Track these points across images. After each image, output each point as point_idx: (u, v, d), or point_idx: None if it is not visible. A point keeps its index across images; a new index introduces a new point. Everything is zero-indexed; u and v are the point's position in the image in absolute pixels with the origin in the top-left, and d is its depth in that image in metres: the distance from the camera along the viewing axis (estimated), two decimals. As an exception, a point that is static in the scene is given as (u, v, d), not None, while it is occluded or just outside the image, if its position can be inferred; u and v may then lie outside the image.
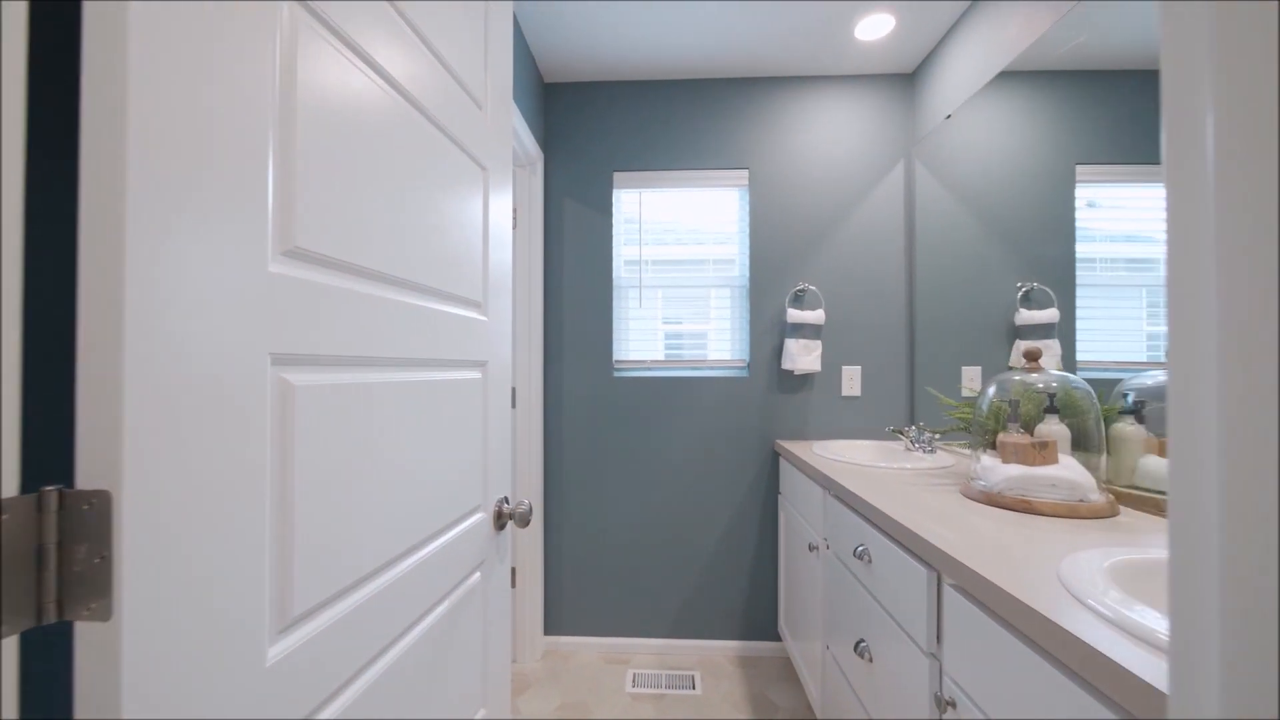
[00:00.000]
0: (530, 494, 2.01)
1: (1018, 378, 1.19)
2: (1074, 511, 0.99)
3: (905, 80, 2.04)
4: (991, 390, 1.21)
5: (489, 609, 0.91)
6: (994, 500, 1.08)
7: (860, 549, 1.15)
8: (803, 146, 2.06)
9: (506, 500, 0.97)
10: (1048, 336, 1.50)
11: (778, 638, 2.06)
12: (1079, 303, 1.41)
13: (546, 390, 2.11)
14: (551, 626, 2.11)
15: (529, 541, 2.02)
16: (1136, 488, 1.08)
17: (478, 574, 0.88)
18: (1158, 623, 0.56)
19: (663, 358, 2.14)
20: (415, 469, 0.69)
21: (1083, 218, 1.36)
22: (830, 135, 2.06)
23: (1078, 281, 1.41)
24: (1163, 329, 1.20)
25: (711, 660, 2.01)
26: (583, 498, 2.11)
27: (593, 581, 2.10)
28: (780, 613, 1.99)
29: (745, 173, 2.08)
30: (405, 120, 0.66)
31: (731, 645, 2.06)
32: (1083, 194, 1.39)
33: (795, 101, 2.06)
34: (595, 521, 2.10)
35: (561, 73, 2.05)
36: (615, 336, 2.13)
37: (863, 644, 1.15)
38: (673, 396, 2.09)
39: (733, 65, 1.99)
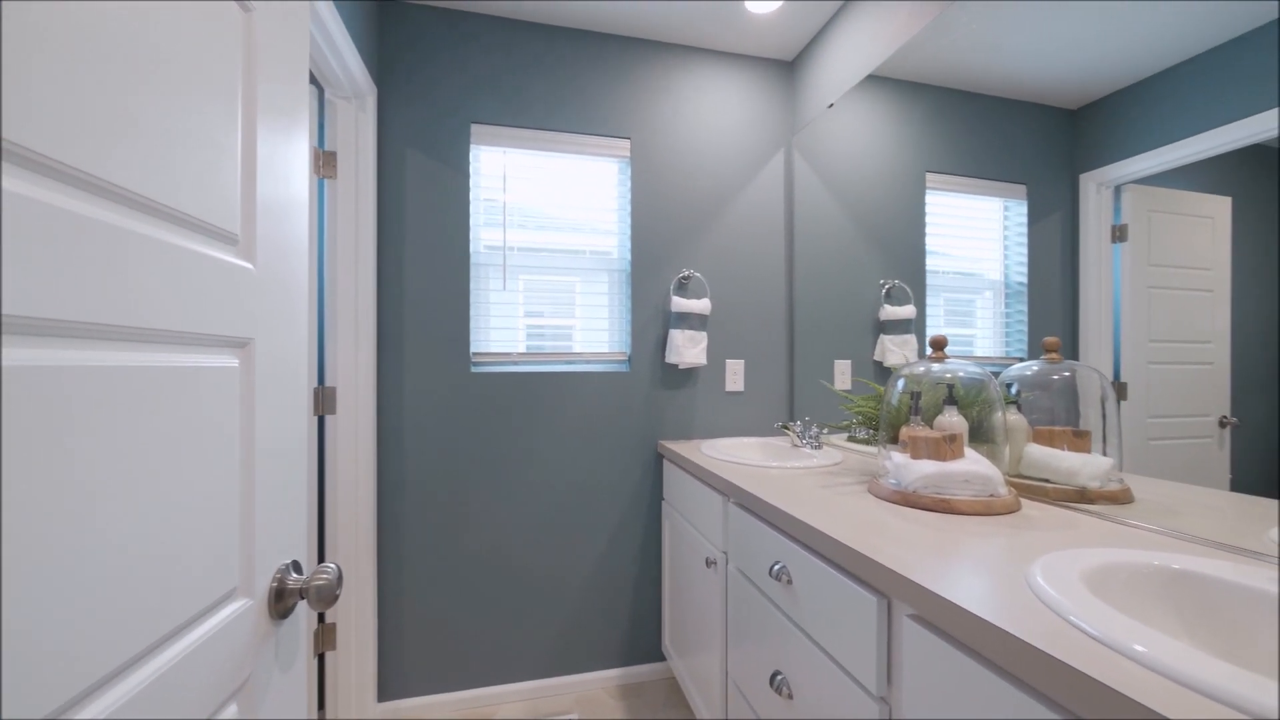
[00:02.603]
0: (358, 527, 1.54)
1: (921, 369, 1.14)
2: (989, 508, 0.94)
3: (785, 68, 2.01)
4: (901, 384, 1.15)
5: (258, 759, 0.54)
6: (910, 500, 0.99)
7: (778, 567, 0.99)
8: (688, 122, 1.91)
9: (295, 568, 0.60)
10: (906, 332, 1.54)
11: (662, 657, 1.88)
12: (928, 300, 1.47)
13: (381, 390, 1.66)
14: (390, 690, 1.67)
15: (355, 587, 1.56)
16: (1023, 476, 1.09)
17: (233, 706, 0.51)
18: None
19: (529, 350, 1.83)
20: (46, 561, 0.32)
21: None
22: (716, 113, 1.93)
23: (927, 283, 1.47)
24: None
25: (591, 696, 1.76)
26: (431, 523, 1.70)
27: (446, 625, 1.71)
28: (665, 631, 1.82)
29: (627, 143, 1.86)
30: None
31: (612, 674, 1.82)
32: (930, 200, 1.44)
33: (682, 72, 1.90)
34: (448, 550, 1.71)
35: (402, -12, 1.62)
36: (474, 324, 1.76)
37: (780, 678, 0.99)
38: (545, 395, 1.79)
39: (618, 20, 1.76)
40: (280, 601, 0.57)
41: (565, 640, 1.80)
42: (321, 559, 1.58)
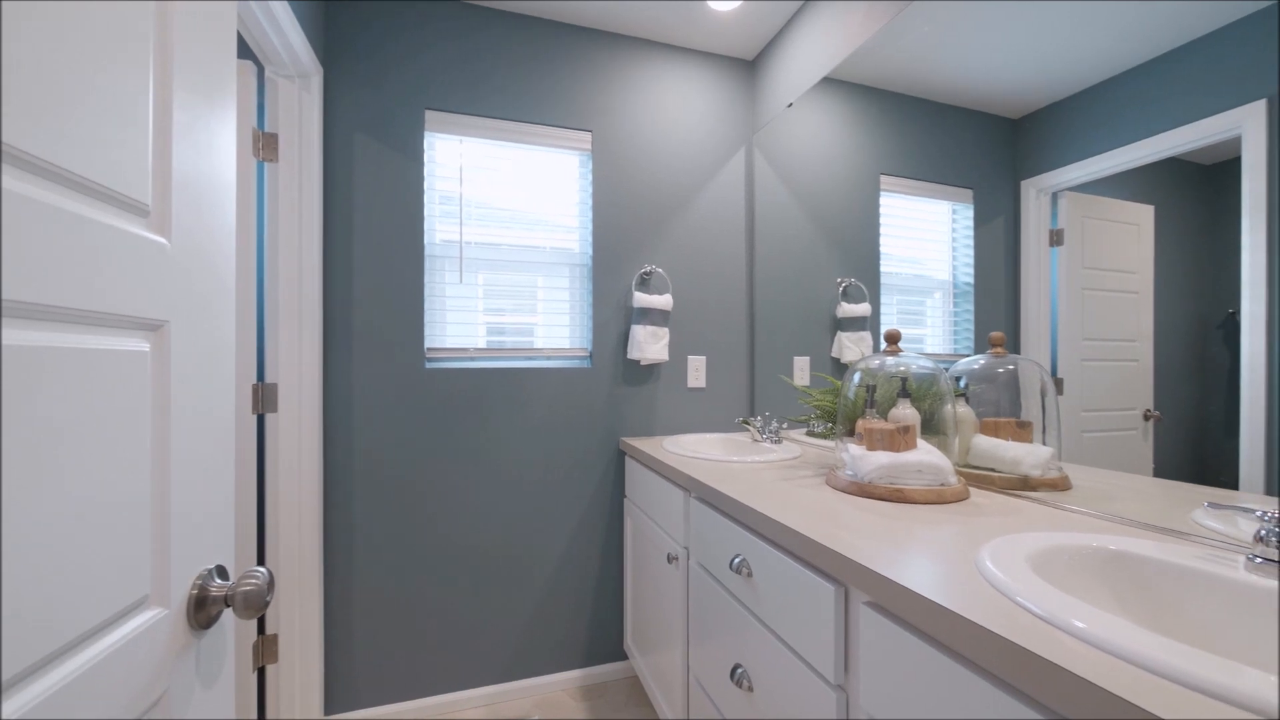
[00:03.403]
0: (301, 531, 1.46)
1: (876, 363, 1.17)
2: (940, 497, 0.97)
3: (747, 67, 2.03)
4: (857, 377, 1.17)
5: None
6: (866, 491, 1.01)
7: (738, 560, 0.99)
8: (650, 117, 1.90)
9: (220, 573, 0.55)
10: (862, 329, 1.57)
11: (624, 656, 1.87)
12: (882, 300, 1.51)
13: (328, 387, 1.57)
14: (338, 702, 1.58)
15: (299, 594, 1.47)
16: (971, 466, 1.12)
17: (143, 730, 0.46)
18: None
19: (488, 346, 1.77)
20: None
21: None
22: (678, 109, 1.93)
23: (881, 283, 1.51)
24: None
25: (553, 699, 1.72)
26: (383, 525, 1.63)
27: (399, 632, 1.64)
28: (627, 629, 1.80)
29: (588, 135, 1.83)
30: None
31: (574, 676, 1.79)
32: (884, 201, 1.48)
33: (644, 67, 1.89)
34: (401, 553, 1.64)
35: (351, -35, 1.54)
36: (429, 319, 1.69)
37: (740, 670, 0.99)
38: (504, 391, 1.74)
39: (580, 11, 1.73)
40: (202, 610, 0.52)
41: (525, 642, 1.75)
42: (262, 564, 1.48)
